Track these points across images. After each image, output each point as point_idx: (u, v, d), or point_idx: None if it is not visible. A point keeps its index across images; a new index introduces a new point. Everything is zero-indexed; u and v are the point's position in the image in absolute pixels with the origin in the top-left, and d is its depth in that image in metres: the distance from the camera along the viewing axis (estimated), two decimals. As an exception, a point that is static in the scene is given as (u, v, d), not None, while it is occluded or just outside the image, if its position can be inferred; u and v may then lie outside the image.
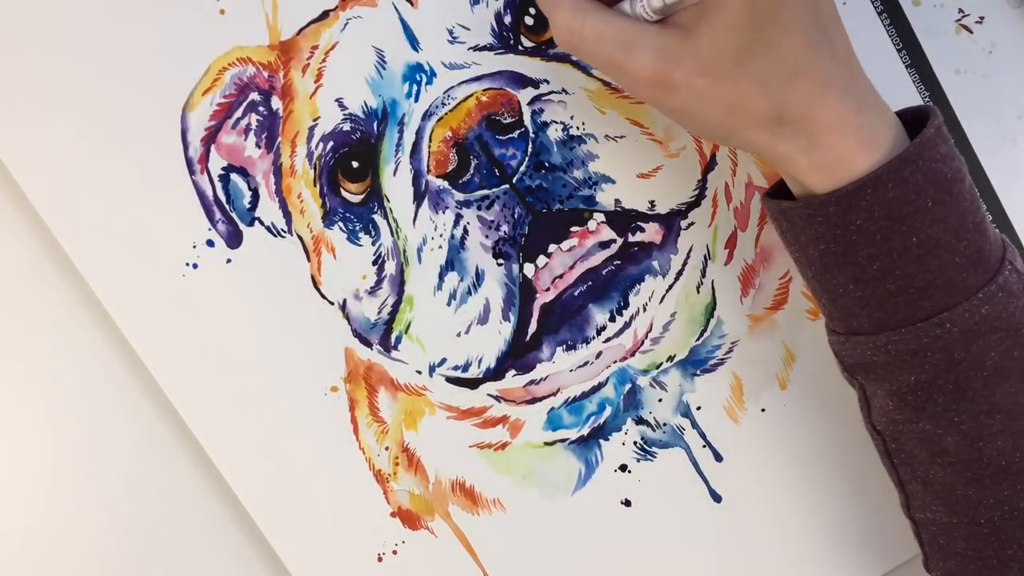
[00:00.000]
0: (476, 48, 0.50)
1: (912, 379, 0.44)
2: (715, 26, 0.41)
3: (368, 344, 0.52)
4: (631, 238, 0.51)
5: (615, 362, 0.53)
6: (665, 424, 0.54)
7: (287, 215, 0.51)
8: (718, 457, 0.54)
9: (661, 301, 0.52)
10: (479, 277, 0.51)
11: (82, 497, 0.53)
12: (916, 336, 0.43)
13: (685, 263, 0.52)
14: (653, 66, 0.42)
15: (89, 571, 0.53)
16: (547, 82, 0.50)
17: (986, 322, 0.42)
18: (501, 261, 0.50)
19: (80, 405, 0.52)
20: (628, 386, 0.53)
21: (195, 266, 0.51)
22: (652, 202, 0.51)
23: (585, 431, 0.54)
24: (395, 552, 0.54)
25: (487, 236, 0.50)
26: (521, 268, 0.51)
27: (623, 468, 0.54)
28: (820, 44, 0.41)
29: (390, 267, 0.51)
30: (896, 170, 0.41)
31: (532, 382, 0.53)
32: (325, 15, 0.50)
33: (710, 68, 0.41)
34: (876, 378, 0.45)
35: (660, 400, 0.54)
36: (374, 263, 0.51)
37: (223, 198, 0.51)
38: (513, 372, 0.52)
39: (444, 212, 0.50)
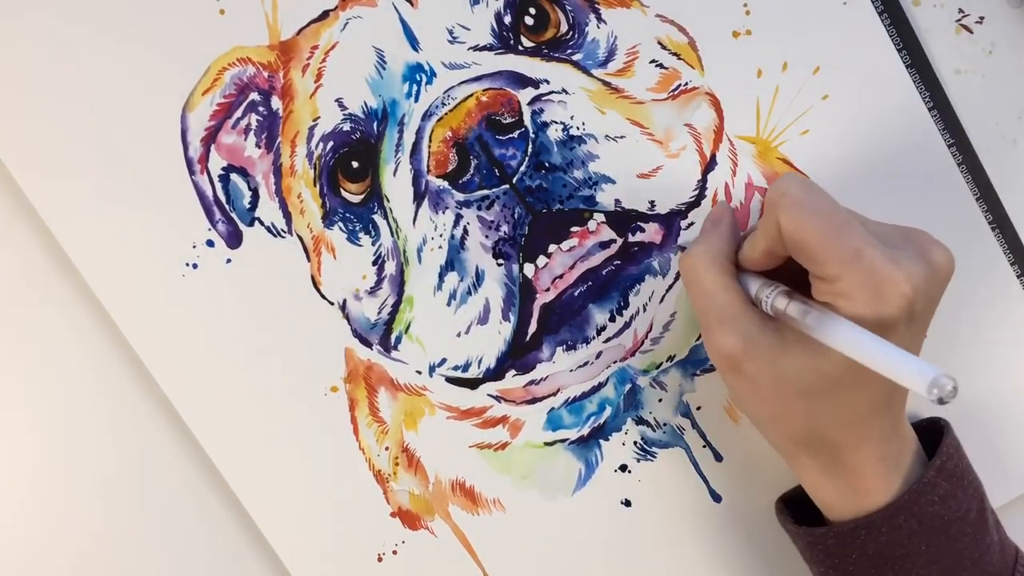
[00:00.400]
0: (476, 48, 0.50)
1: None
2: (808, 360, 0.42)
3: (368, 344, 0.52)
4: (631, 238, 0.51)
5: (615, 362, 0.53)
6: (665, 424, 0.54)
7: (287, 215, 0.51)
8: (718, 457, 0.54)
9: (661, 301, 0.52)
10: (479, 277, 0.51)
11: (81, 497, 0.53)
12: None
13: (685, 263, 0.52)
14: (734, 349, 0.43)
15: (88, 571, 0.53)
16: (547, 82, 0.50)
17: None
18: (501, 261, 0.50)
19: (79, 405, 0.52)
20: (628, 386, 0.53)
21: (195, 266, 0.51)
22: (652, 202, 0.51)
23: (585, 431, 0.54)
24: (395, 552, 0.54)
25: (487, 236, 0.50)
26: (521, 268, 0.51)
27: (623, 468, 0.54)
28: (880, 405, 0.43)
29: (390, 267, 0.51)
30: (891, 516, 0.44)
31: (532, 382, 0.53)
32: (325, 15, 0.50)
33: (779, 384, 0.43)
34: None
35: (660, 400, 0.54)
36: (374, 263, 0.51)
37: (223, 198, 0.51)
38: (513, 372, 0.52)
39: (444, 212, 0.50)
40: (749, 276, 0.46)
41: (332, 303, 0.52)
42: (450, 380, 0.53)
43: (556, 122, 0.50)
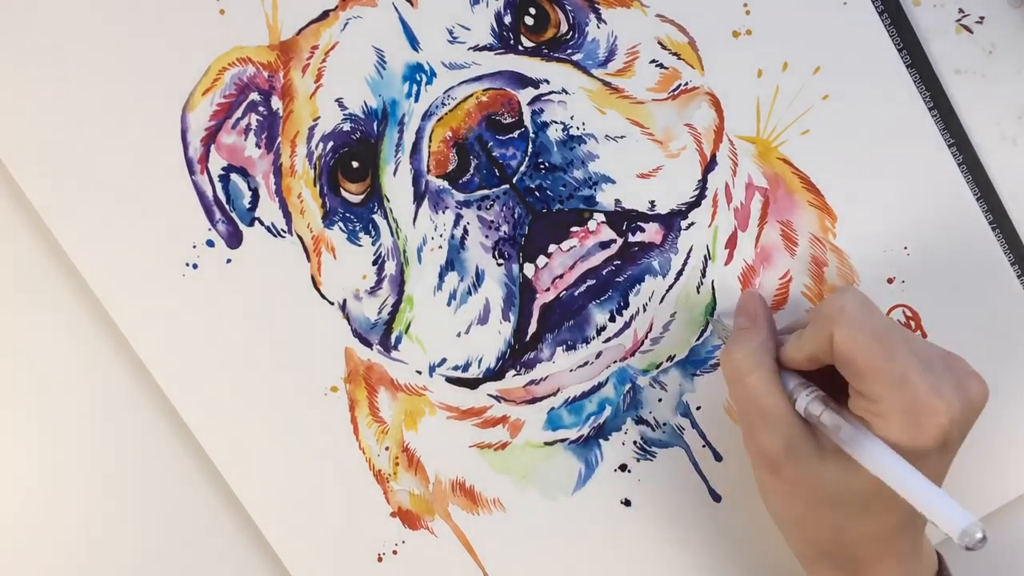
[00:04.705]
0: (476, 48, 0.50)
1: None
2: (844, 472, 0.43)
3: (368, 344, 0.52)
4: (631, 238, 0.51)
5: (615, 362, 0.53)
6: (665, 424, 0.54)
7: (287, 215, 0.51)
8: (718, 457, 0.54)
9: (661, 301, 0.52)
10: (479, 277, 0.51)
11: (81, 497, 0.53)
12: None
13: (685, 263, 0.52)
14: (775, 451, 0.44)
15: (88, 571, 0.53)
16: (547, 82, 0.50)
17: None
18: (501, 261, 0.50)
19: (80, 405, 0.52)
20: (628, 386, 0.53)
21: (195, 266, 0.51)
22: (652, 202, 0.51)
23: (585, 431, 0.54)
24: (395, 552, 0.54)
25: (487, 236, 0.50)
26: (521, 268, 0.51)
27: (623, 468, 0.54)
28: (906, 522, 0.44)
29: (390, 267, 0.51)
30: None
31: (532, 382, 0.53)
32: (325, 15, 0.50)
33: (812, 492, 0.44)
34: None
35: (660, 400, 0.54)
36: (374, 263, 0.51)
37: (223, 198, 0.51)
38: (513, 372, 0.52)
39: (444, 212, 0.50)
40: (786, 372, 0.47)
41: (332, 303, 0.52)
42: (450, 380, 0.53)
43: (556, 122, 0.50)
